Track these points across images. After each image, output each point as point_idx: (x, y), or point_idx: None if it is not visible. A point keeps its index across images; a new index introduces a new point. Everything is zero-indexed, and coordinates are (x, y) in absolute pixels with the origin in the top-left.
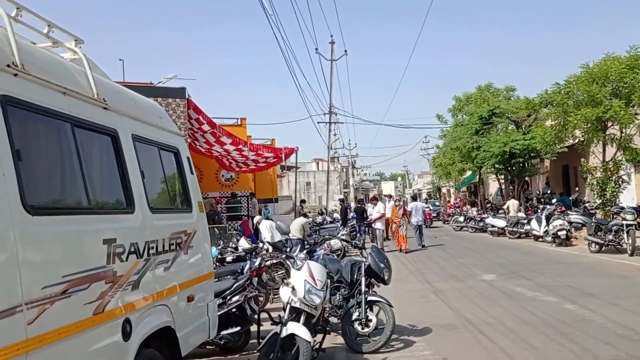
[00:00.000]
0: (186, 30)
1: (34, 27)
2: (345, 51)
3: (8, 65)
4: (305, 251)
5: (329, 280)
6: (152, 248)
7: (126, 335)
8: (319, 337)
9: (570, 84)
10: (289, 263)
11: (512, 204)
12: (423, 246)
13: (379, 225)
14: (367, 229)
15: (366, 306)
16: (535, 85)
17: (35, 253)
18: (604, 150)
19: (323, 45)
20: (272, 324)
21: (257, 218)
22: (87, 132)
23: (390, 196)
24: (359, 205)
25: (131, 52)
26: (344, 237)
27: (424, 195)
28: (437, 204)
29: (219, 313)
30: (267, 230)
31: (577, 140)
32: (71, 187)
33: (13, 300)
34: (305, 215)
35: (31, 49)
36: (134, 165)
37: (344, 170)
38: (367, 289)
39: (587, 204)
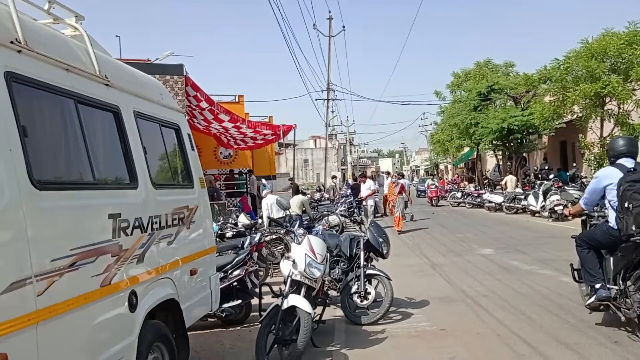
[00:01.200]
0: (184, 5)
1: (35, 4)
2: (344, 27)
3: (12, 42)
4: (304, 227)
5: (328, 254)
6: (156, 223)
7: (132, 306)
8: (319, 309)
9: (569, 60)
10: (288, 238)
11: (510, 179)
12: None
13: (370, 202)
14: (359, 206)
15: (365, 279)
16: (534, 61)
17: (44, 227)
18: (602, 126)
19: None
20: (272, 297)
21: (265, 192)
22: (90, 108)
23: (388, 173)
24: (355, 183)
25: (127, 28)
26: (342, 213)
27: (422, 172)
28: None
29: (220, 287)
30: (267, 206)
31: (575, 116)
32: (76, 163)
33: (23, 272)
34: (303, 194)
35: (34, 26)
36: (136, 141)
37: (342, 147)
38: (365, 263)
39: (584, 180)
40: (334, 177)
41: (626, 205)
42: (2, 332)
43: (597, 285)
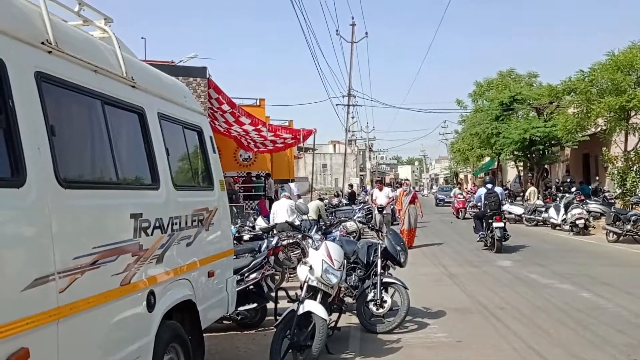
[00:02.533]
0: (208, 9)
1: (66, 5)
2: (366, 34)
3: (42, 43)
4: (321, 232)
5: (345, 261)
6: (176, 224)
7: (150, 306)
8: (335, 316)
9: (594, 72)
10: (304, 243)
11: (533, 191)
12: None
13: (387, 210)
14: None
15: (381, 287)
16: (559, 72)
17: (68, 225)
18: (626, 140)
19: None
20: (288, 302)
21: (285, 194)
22: (116, 109)
23: (407, 180)
24: (351, 190)
25: (152, 30)
26: (360, 219)
27: (441, 181)
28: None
29: (237, 289)
30: (285, 211)
31: (599, 129)
32: (101, 163)
33: (46, 269)
34: (321, 199)
35: (64, 27)
36: (159, 142)
37: (361, 153)
38: (382, 271)
39: (606, 194)
40: (350, 185)
41: (485, 202)
42: (25, 327)
43: (480, 233)
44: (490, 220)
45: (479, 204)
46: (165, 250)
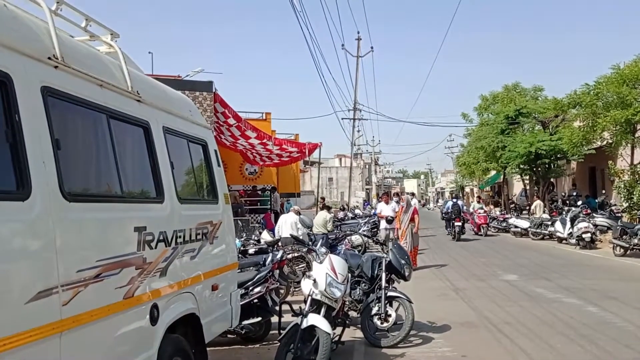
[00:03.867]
0: (215, 24)
1: (73, 21)
2: (372, 48)
3: (49, 58)
4: (327, 245)
5: (349, 275)
6: (180, 237)
7: (154, 320)
8: (339, 330)
9: (600, 85)
10: (310, 257)
11: (539, 204)
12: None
13: (384, 225)
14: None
15: (386, 301)
16: (564, 86)
17: (71, 238)
18: (633, 153)
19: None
20: (292, 316)
21: (295, 208)
22: (122, 123)
23: (412, 194)
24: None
25: (159, 45)
26: (365, 233)
27: (447, 194)
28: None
29: (241, 303)
30: (289, 225)
31: (605, 142)
32: (105, 176)
33: (50, 281)
34: (328, 209)
35: (70, 42)
36: (164, 156)
37: (367, 166)
38: (387, 285)
39: (613, 207)
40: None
41: (451, 210)
42: (28, 340)
43: (448, 229)
44: (452, 221)
45: (449, 211)
46: (169, 263)
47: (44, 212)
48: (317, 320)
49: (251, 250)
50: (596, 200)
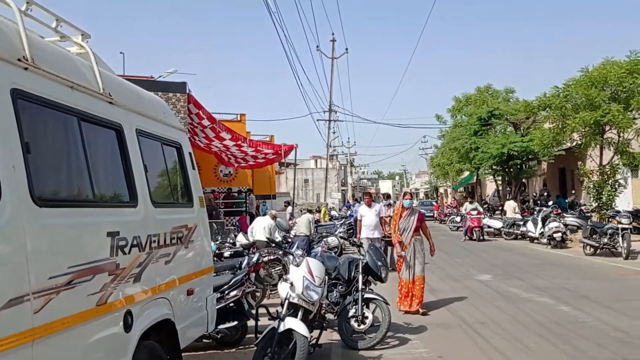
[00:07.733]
0: (188, 24)
1: (43, 22)
2: (347, 49)
3: (19, 59)
4: (303, 248)
5: (326, 277)
6: (154, 242)
7: (127, 326)
8: (316, 333)
9: (569, 88)
10: (286, 259)
11: (510, 205)
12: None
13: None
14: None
15: (363, 303)
16: (535, 88)
17: (42, 244)
18: (601, 154)
19: (324, 43)
20: (269, 319)
21: (272, 213)
22: (93, 126)
23: (387, 195)
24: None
25: (132, 45)
26: (341, 235)
27: (421, 195)
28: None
29: (217, 307)
30: (263, 228)
31: (574, 144)
32: (77, 180)
33: (21, 289)
34: (310, 212)
35: (41, 43)
36: (137, 159)
37: (343, 168)
38: (364, 287)
39: (583, 207)
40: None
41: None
42: None
43: None
44: None
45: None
46: (143, 268)
47: (13, 217)
48: (295, 323)
49: (227, 254)
50: (566, 201)
